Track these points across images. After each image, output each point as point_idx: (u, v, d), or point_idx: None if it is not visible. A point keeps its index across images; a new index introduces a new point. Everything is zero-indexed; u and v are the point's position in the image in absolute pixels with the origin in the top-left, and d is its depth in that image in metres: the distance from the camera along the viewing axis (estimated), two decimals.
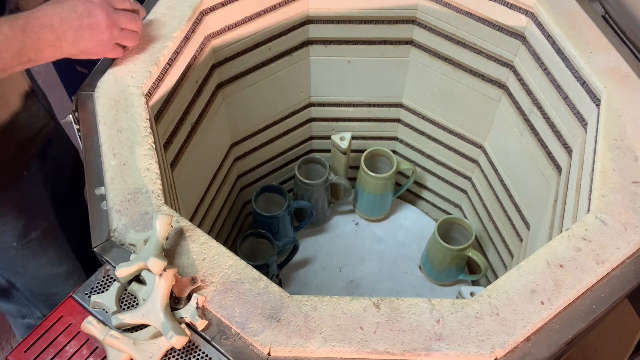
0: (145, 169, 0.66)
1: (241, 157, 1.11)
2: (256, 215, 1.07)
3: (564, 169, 0.81)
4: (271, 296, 0.57)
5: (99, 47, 0.68)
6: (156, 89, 0.76)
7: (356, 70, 1.05)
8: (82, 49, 0.67)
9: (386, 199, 1.18)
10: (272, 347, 0.54)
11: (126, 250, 0.61)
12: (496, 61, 0.92)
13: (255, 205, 1.06)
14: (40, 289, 0.93)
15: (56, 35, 0.64)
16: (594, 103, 0.74)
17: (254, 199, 1.07)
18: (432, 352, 0.54)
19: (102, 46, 0.68)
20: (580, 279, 0.59)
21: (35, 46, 0.63)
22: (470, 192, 1.14)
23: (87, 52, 0.68)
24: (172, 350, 0.56)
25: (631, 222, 0.62)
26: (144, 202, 0.63)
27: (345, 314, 0.57)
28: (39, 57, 0.65)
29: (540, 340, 0.56)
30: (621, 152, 0.67)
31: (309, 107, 1.13)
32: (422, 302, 0.57)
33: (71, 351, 0.57)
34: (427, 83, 1.04)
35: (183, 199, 0.87)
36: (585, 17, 0.80)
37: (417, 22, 0.97)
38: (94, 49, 0.68)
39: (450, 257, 1.05)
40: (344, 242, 1.20)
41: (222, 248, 0.61)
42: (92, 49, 0.68)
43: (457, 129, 1.07)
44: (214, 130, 0.97)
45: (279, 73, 1.02)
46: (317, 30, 0.99)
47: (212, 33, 0.88)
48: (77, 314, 0.58)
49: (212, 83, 0.93)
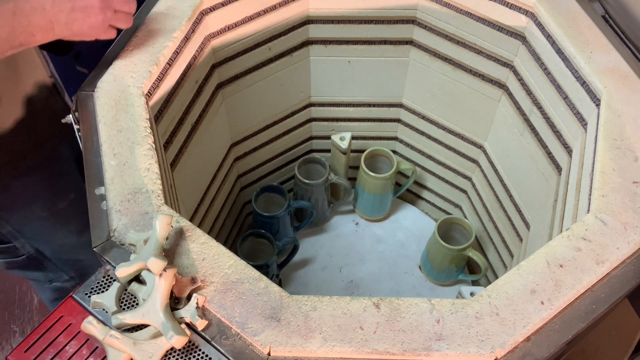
0: (145, 169, 0.66)
1: (241, 157, 1.11)
2: (256, 216, 1.07)
3: (564, 169, 0.81)
4: (271, 296, 0.57)
5: (92, 30, 0.68)
6: (156, 89, 0.76)
7: (356, 70, 1.05)
8: (75, 31, 0.66)
9: (386, 199, 1.18)
10: (272, 347, 0.54)
11: (126, 250, 0.61)
12: (496, 61, 0.92)
13: (255, 205, 1.07)
14: (67, 256, 0.96)
15: (48, 18, 0.63)
16: (594, 103, 0.74)
17: (254, 199, 1.07)
18: (432, 352, 0.54)
19: (95, 29, 0.68)
20: (580, 279, 0.59)
21: (26, 30, 0.62)
22: (470, 192, 1.14)
23: (80, 34, 0.67)
24: (172, 350, 0.56)
25: (631, 222, 0.62)
26: (144, 202, 0.63)
27: (345, 314, 0.56)
28: (31, 41, 0.64)
29: (540, 340, 0.56)
30: (621, 152, 0.67)
31: (309, 107, 1.13)
32: (422, 302, 0.57)
33: (71, 351, 0.57)
34: (427, 83, 1.04)
35: (183, 199, 0.87)
36: (585, 17, 0.80)
37: (417, 22, 0.97)
38: (87, 31, 0.67)
39: (450, 257, 1.05)
40: (344, 242, 1.20)
41: (222, 248, 0.61)
42: (85, 31, 0.67)
43: (457, 129, 1.07)
44: (214, 130, 0.97)
45: (279, 73, 1.02)
46: (317, 30, 0.99)
47: (212, 33, 0.88)
48: (77, 314, 0.58)
49: (212, 83, 0.93)
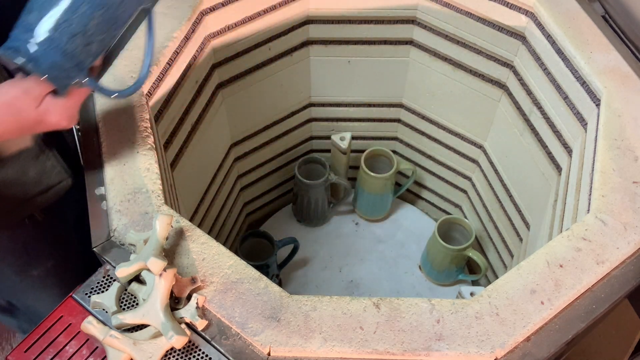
0: (145, 169, 0.66)
1: (241, 157, 1.11)
2: None
3: (564, 169, 0.81)
4: (271, 296, 0.57)
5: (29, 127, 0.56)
6: (156, 89, 0.76)
7: (356, 70, 1.05)
8: None
9: (386, 199, 1.18)
10: (272, 347, 0.54)
11: (126, 250, 0.61)
12: (496, 61, 0.92)
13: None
14: (42, 311, 0.88)
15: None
16: (594, 103, 0.74)
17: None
18: (432, 352, 0.54)
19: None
20: (580, 279, 0.59)
21: None
22: (470, 192, 1.14)
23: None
24: (172, 350, 0.56)
25: (631, 222, 0.62)
26: (144, 202, 0.63)
27: (345, 314, 0.56)
28: None
29: (540, 340, 0.56)
30: (621, 152, 0.67)
31: (309, 107, 1.13)
32: (422, 302, 0.57)
33: (71, 351, 0.56)
34: (427, 83, 1.04)
35: (183, 199, 0.87)
36: (585, 17, 0.80)
37: (417, 22, 0.97)
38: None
39: (450, 257, 1.05)
40: (344, 242, 1.20)
41: (222, 248, 0.61)
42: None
43: (457, 129, 1.07)
44: (214, 131, 0.97)
45: (279, 73, 1.02)
46: (317, 30, 0.99)
47: (212, 33, 0.88)
48: (77, 314, 0.58)
49: (212, 83, 0.93)
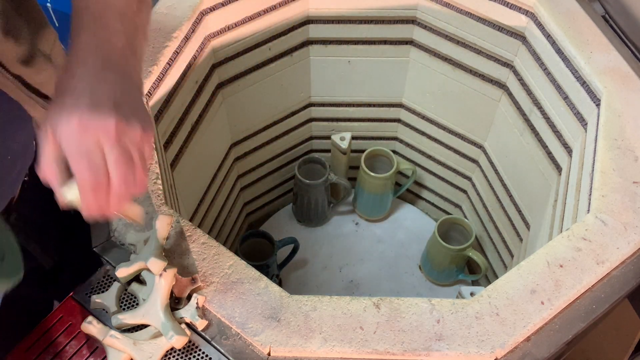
0: None
1: (241, 157, 1.11)
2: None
3: (564, 169, 0.81)
4: (271, 296, 0.57)
5: None
6: (156, 89, 0.75)
7: (356, 70, 1.05)
8: None
9: (386, 199, 1.17)
10: (272, 347, 0.54)
11: (126, 250, 0.61)
12: (496, 61, 0.92)
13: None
14: None
15: None
16: (594, 103, 0.74)
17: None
18: (432, 352, 0.54)
19: None
20: (580, 279, 0.59)
21: None
22: (470, 192, 1.14)
23: None
24: (172, 350, 0.56)
25: (631, 222, 0.62)
26: (144, 202, 0.63)
27: (345, 314, 0.56)
28: None
29: (540, 340, 0.56)
30: (621, 152, 0.67)
31: (309, 107, 1.13)
32: (422, 302, 0.57)
33: (71, 351, 0.56)
34: (427, 83, 1.04)
35: (183, 199, 0.87)
36: (585, 17, 0.80)
37: (417, 22, 0.97)
38: None
39: (450, 257, 1.05)
40: (344, 242, 1.19)
41: (222, 248, 0.61)
42: None
43: (457, 129, 1.07)
44: (214, 130, 0.97)
45: (279, 73, 1.02)
46: (317, 30, 0.99)
47: (212, 33, 0.88)
48: (77, 314, 0.58)
49: (212, 83, 0.93)
